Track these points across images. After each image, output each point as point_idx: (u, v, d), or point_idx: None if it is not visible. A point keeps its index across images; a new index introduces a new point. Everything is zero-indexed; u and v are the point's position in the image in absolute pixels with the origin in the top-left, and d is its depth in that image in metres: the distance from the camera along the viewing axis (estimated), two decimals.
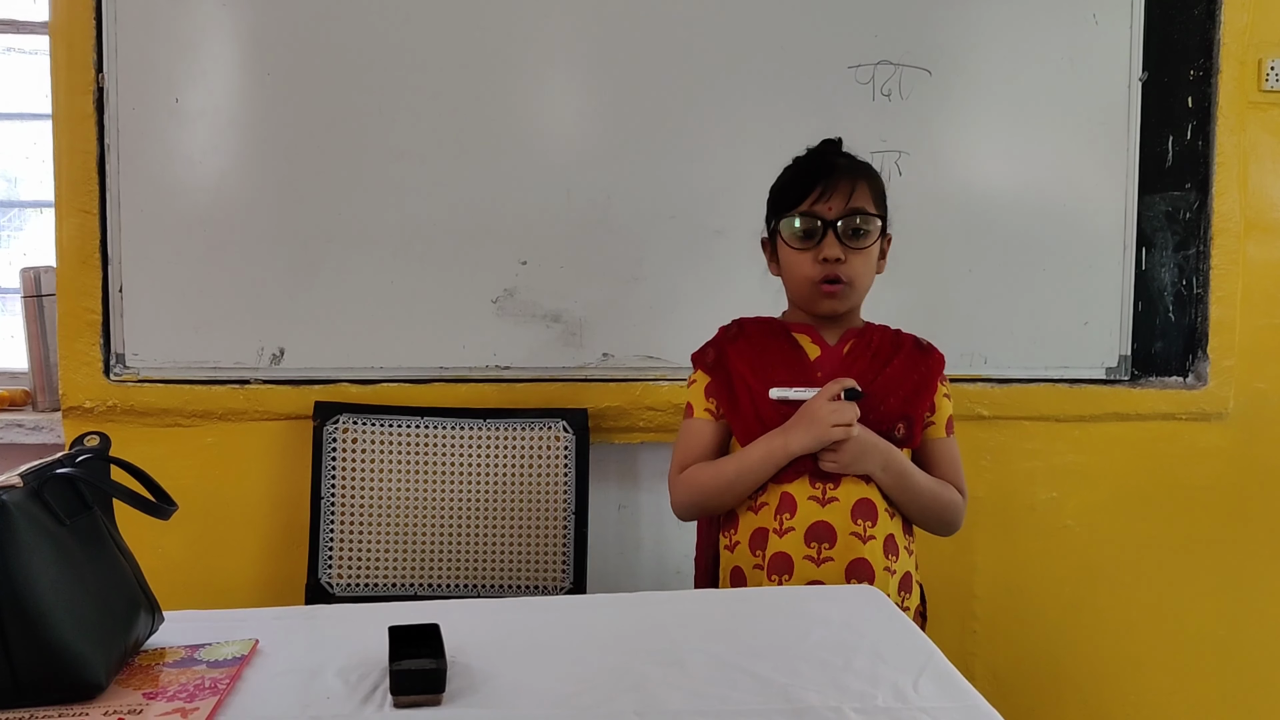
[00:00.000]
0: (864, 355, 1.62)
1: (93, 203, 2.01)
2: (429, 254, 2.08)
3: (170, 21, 2.01)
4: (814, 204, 1.58)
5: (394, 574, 2.03)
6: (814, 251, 1.57)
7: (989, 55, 2.14)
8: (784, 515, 1.56)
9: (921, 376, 1.63)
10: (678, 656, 1.15)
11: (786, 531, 1.55)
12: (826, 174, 1.58)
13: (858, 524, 1.54)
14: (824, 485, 1.55)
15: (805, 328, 1.65)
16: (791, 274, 1.62)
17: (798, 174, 1.63)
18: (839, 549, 1.53)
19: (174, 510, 1.15)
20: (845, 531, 1.54)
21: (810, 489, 1.55)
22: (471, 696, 1.05)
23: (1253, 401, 2.24)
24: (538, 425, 2.07)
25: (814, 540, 1.54)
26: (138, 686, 1.05)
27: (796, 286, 1.63)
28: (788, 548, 1.54)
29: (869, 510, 1.55)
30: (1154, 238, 2.20)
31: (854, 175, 1.60)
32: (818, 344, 1.63)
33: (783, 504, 1.56)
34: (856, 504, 1.55)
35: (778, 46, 2.10)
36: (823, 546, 1.53)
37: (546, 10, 2.07)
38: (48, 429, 2.11)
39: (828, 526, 1.54)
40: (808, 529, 1.54)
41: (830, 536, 1.54)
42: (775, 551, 1.55)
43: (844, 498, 1.55)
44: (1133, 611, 2.27)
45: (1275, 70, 2.17)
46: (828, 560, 1.53)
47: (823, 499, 1.55)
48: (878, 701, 1.04)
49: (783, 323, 1.67)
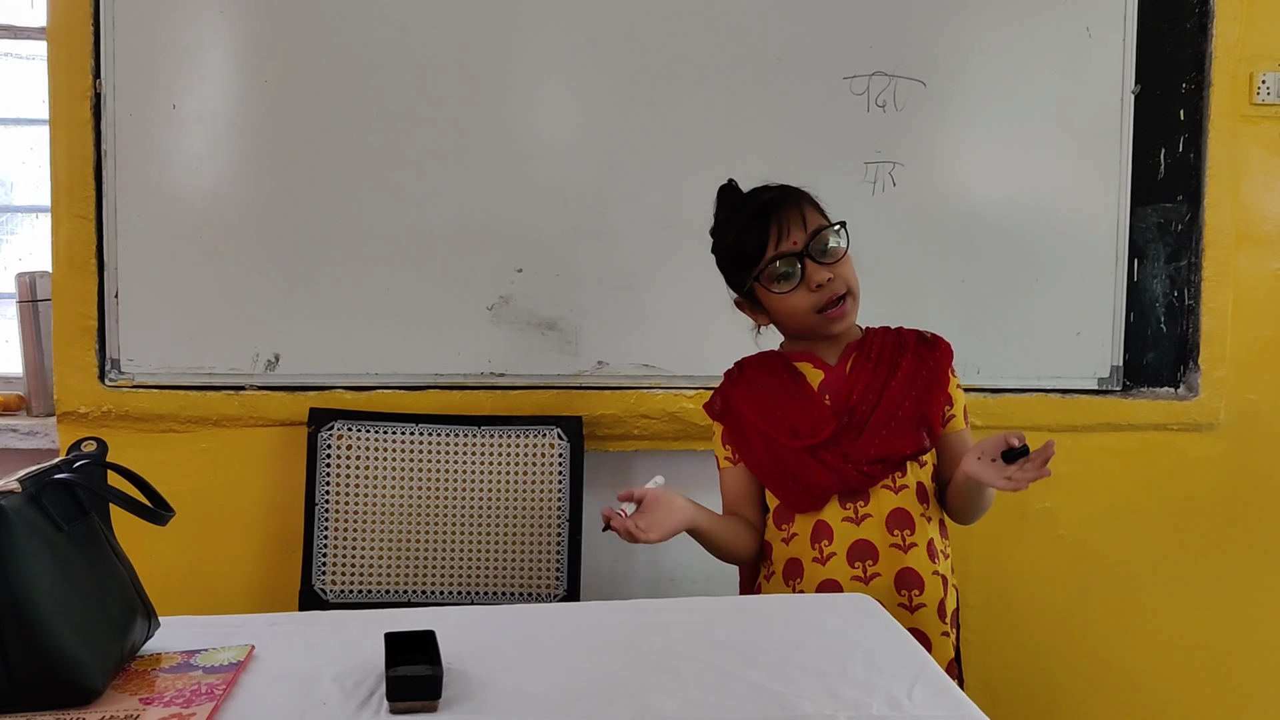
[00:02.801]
0: (868, 368, 1.59)
1: (89, 208, 2.01)
2: (425, 261, 2.08)
3: (168, 28, 2.02)
4: (778, 245, 1.55)
5: (388, 581, 2.03)
6: (803, 286, 1.55)
7: (983, 67, 2.16)
8: (822, 543, 1.55)
9: (930, 371, 1.61)
10: (673, 664, 1.15)
11: (829, 557, 1.54)
12: (771, 213, 1.56)
13: (895, 534, 1.54)
14: (854, 504, 1.55)
15: (804, 355, 1.63)
16: (790, 314, 1.59)
17: (746, 228, 1.58)
18: (883, 563, 1.53)
19: (171, 516, 1.15)
20: (885, 545, 1.54)
21: (842, 510, 1.55)
22: (467, 703, 1.05)
23: (1244, 412, 2.25)
24: (532, 432, 2.07)
25: (857, 560, 1.53)
26: (134, 692, 1.06)
27: (798, 324, 1.60)
28: (834, 573, 1.54)
29: (905, 519, 1.55)
30: (1146, 249, 2.22)
31: (793, 201, 1.57)
32: (820, 368, 1.61)
33: (818, 532, 1.56)
34: (890, 515, 1.55)
35: (774, 57, 2.11)
36: (867, 564, 1.53)
37: (544, 19, 2.08)
38: (42, 434, 2.10)
39: (867, 544, 1.54)
40: (849, 550, 1.54)
41: (872, 553, 1.54)
42: (823, 579, 1.54)
43: (876, 512, 1.55)
44: (1125, 620, 2.27)
45: (1267, 84, 2.19)
46: (875, 576, 1.53)
47: (856, 517, 1.55)
48: (872, 710, 1.05)
49: (782, 355, 1.65)
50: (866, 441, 1.55)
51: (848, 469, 1.54)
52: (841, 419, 1.56)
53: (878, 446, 1.55)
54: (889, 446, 1.55)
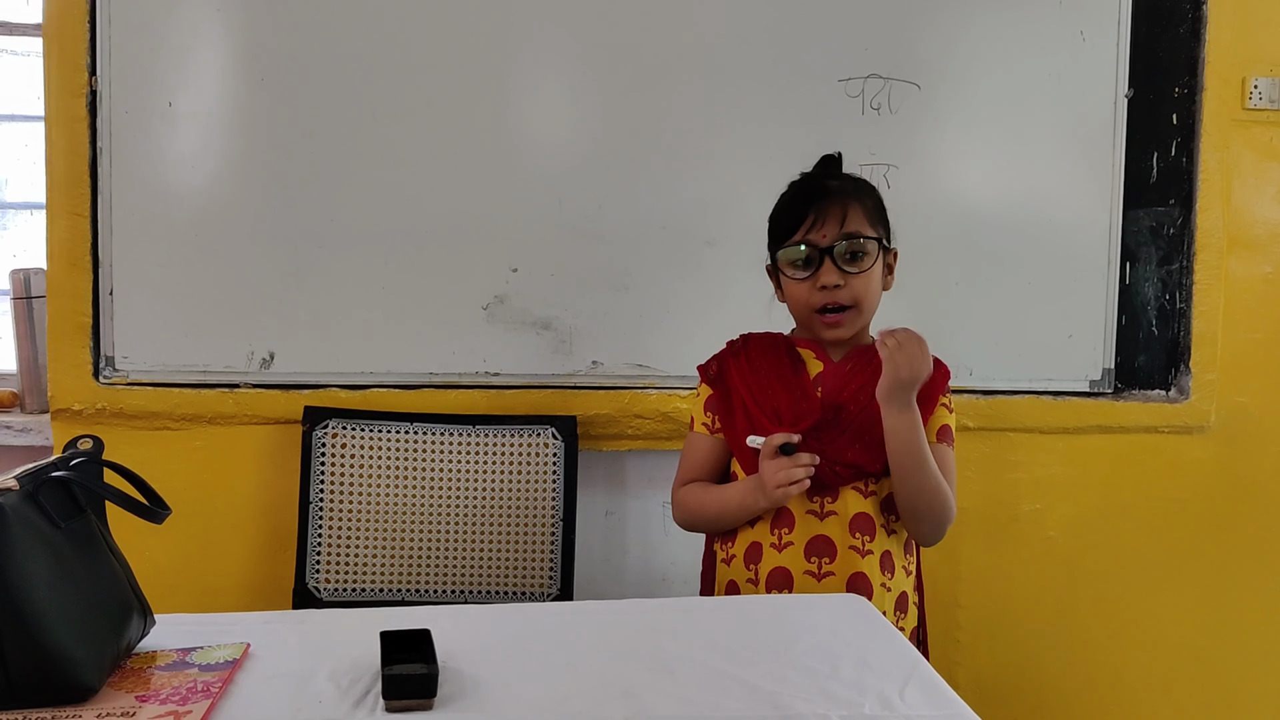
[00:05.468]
0: (865, 369, 1.58)
1: (84, 205, 2.01)
2: (420, 260, 2.08)
3: (164, 25, 2.02)
4: (807, 232, 1.55)
5: (381, 579, 2.04)
6: (812, 280, 1.55)
7: (977, 70, 2.17)
8: (782, 530, 1.54)
9: (926, 389, 1.58)
10: (667, 663, 1.16)
11: (786, 546, 1.53)
12: (818, 200, 1.55)
13: (856, 537, 1.53)
14: (822, 499, 1.54)
15: (811, 343, 1.63)
16: (793, 302, 1.61)
17: (790, 202, 1.60)
18: (839, 563, 1.52)
19: (168, 514, 1.15)
20: (844, 545, 1.53)
21: (808, 503, 1.54)
22: (462, 702, 1.06)
23: (1234, 415, 2.26)
24: (527, 432, 2.08)
25: (814, 555, 1.52)
26: (130, 689, 1.06)
27: (799, 313, 1.61)
28: (787, 562, 1.53)
29: (867, 524, 1.54)
30: (1138, 252, 2.23)
31: (846, 198, 1.56)
32: (821, 359, 1.61)
33: (780, 518, 1.54)
34: (855, 517, 1.54)
35: (769, 59, 2.12)
36: (823, 561, 1.52)
37: (540, 20, 2.08)
38: (36, 431, 2.10)
39: (827, 540, 1.53)
40: (807, 543, 1.53)
41: (830, 550, 1.52)
42: (774, 566, 1.53)
43: (842, 511, 1.54)
44: (1115, 622, 2.29)
45: (1259, 89, 2.20)
46: (829, 575, 1.52)
47: (821, 512, 1.54)
48: (864, 709, 1.05)
49: (788, 338, 1.65)
50: (846, 442, 1.54)
51: (821, 464, 1.51)
52: (827, 414, 1.55)
53: (854, 452, 1.53)
54: (862, 457, 1.53)
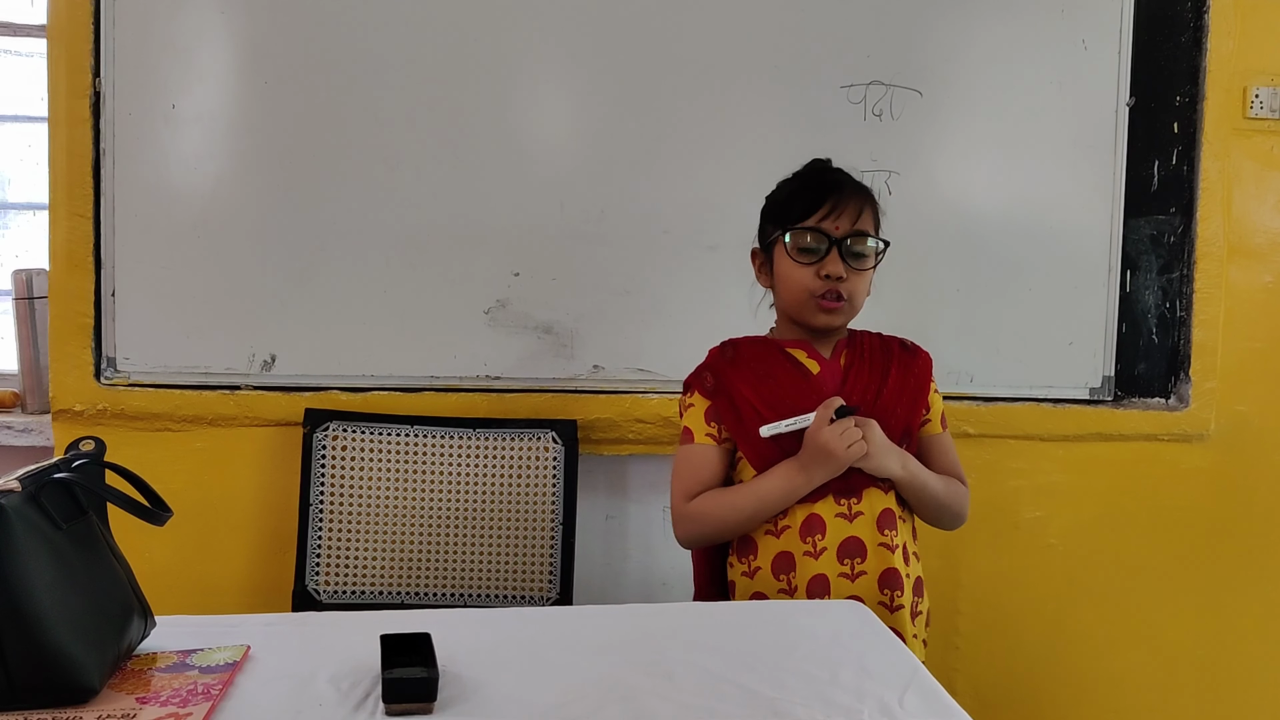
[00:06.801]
0: (863, 369, 1.61)
1: (87, 206, 2.01)
2: (422, 263, 2.09)
3: (168, 28, 2.02)
4: (822, 220, 1.57)
5: (381, 582, 2.04)
6: (816, 266, 1.57)
7: (979, 78, 2.17)
8: (814, 537, 1.54)
9: (917, 381, 1.65)
10: (667, 668, 1.16)
11: (821, 552, 1.54)
12: (836, 191, 1.58)
13: (885, 534, 1.55)
14: (849, 501, 1.55)
15: (799, 343, 1.63)
16: (789, 285, 1.60)
17: (806, 188, 1.62)
18: (870, 562, 1.54)
19: (169, 516, 1.15)
20: (874, 543, 1.54)
21: (836, 506, 1.55)
22: (462, 705, 1.06)
23: (1234, 424, 2.27)
24: (527, 435, 2.08)
25: (846, 557, 1.54)
26: (131, 690, 1.06)
27: (794, 298, 1.60)
28: (824, 568, 1.54)
29: (890, 519, 1.56)
30: (1139, 260, 2.23)
31: (863, 197, 1.61)
32: (814, 359, 1.62)
33: (810, 525, 1.55)
34: (881, 514, 1.55)
35: (772, 65, 2.12)
36: (855, 562, 1.54)
37: (542, 23, 2.09)
38: (37, 431, 2.10)
39: (857, 541, 1.54)
40: (839, 546, 1.54)
41: (861, 551, 1.54)
42: (814, 574, 1.54)
43: (868, 510, 1.55)
44: (1115, 629, 2.29)
45: (1260, 98, 2.21)
46: (861, 574, 1.53)
47: (849, 514, 1.55)
48: (864, 716, 1.06)
49: (775, 341, 1.66)
50: None
51: None
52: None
53: None
54: None
